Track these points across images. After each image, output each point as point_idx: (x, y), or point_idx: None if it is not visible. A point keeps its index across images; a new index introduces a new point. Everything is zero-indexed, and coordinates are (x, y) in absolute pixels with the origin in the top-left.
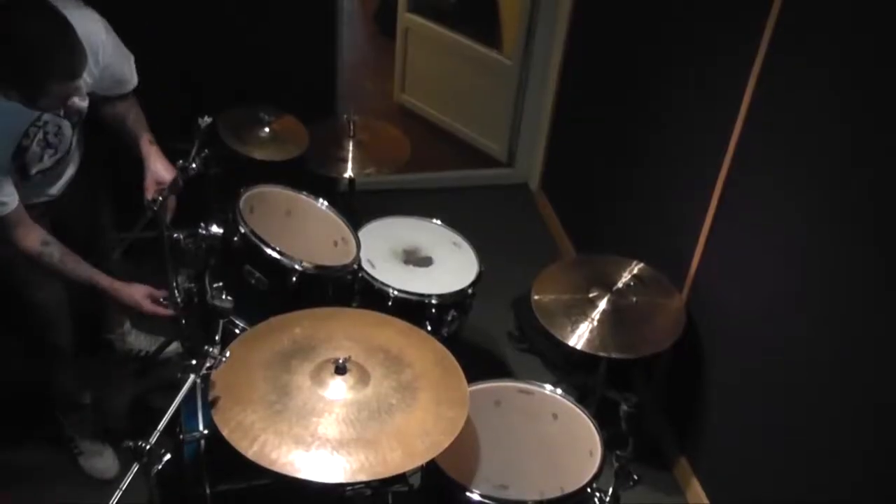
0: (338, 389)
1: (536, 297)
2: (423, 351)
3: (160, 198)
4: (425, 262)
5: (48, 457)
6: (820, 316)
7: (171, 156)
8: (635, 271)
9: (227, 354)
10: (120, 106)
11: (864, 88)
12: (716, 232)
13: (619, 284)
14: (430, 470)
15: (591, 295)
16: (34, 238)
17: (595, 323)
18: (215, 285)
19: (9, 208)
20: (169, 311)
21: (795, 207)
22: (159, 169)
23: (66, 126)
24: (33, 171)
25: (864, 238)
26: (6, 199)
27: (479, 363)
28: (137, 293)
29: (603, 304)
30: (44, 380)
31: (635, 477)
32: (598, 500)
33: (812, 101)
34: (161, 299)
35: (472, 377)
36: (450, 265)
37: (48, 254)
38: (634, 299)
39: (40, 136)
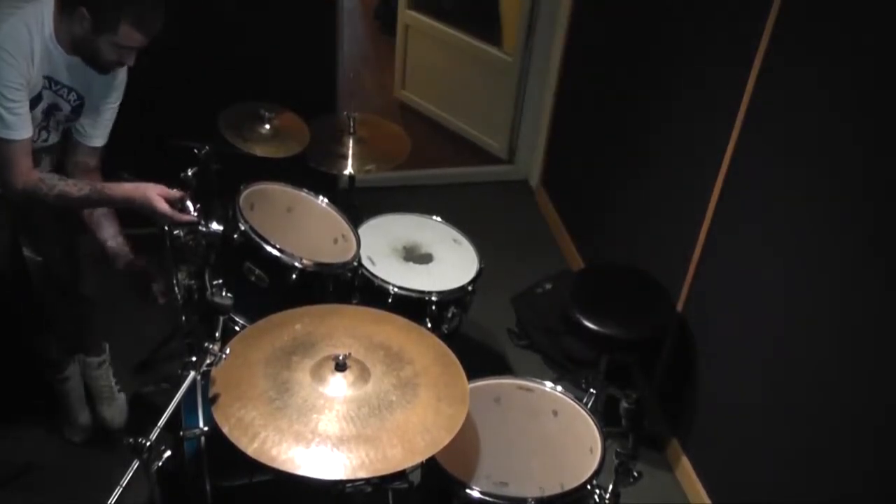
0: (338, 386)
1: None
2: (423, 348)
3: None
4: (425, 258)
5: (48, 457)
6: (817, 316)
7: (172, 153)
8: None
9: (228, 351)
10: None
11: (863, 91)
12: (715, 227)
13: None
14: (430, 467)
15: None
16: (33, 170)
17: None
18: (215, 282)
19: (23, 135)
20: (191, 217)
21: (794, 206)
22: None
23: (62, 117)
24: None
25: (863, 238)
26: (22, 125)
27: (479, 360)
28: (151, 191)
29: None
30: (28, 346)
31: (635, 474)
32: (599, 497)
33: (811, 104)
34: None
35: (472, 374)
36: (450, 262)
37: (49, 181)
38: None
39: (45, 104)
